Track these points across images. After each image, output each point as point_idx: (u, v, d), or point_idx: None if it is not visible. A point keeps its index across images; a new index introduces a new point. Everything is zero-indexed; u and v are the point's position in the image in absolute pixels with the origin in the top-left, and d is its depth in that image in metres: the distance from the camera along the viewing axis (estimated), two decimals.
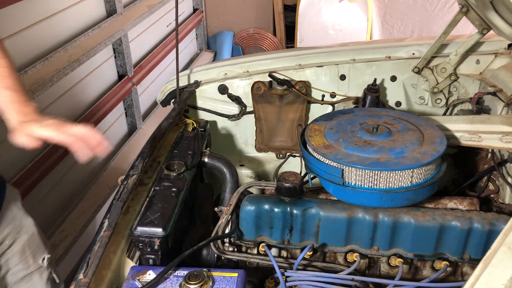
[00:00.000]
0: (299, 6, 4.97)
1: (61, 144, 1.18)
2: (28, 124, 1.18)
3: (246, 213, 1.36)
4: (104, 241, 1.24)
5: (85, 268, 1.16)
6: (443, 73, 2.03)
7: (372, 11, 4.76)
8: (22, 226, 1.46)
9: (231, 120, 2.16)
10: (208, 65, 2.27)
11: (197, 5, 5.22)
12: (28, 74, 2.26)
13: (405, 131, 1.47)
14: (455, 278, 1.37)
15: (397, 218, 1.31)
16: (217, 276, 1.17)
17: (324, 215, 1.33)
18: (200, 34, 5.34)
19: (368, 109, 1.80)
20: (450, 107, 2.07)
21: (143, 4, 3.73)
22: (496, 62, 2.02)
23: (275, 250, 1.40)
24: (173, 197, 1.38)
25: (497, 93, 1.84)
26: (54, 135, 1.16)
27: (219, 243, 1.37)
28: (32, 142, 1.16)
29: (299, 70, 2.11)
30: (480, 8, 1.81)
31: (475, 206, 1.39)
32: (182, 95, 2.04)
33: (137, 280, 1.16)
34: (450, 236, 1.30)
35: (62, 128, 1.17)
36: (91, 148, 1.17)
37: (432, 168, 1.36)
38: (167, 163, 1.54)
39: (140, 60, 3.72)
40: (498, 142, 1.54)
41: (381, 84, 2.10)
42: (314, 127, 1.53)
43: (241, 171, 2.14)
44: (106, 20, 3.13)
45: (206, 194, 1.77)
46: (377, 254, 1.36)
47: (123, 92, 3.31)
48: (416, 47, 2.10)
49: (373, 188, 1.32)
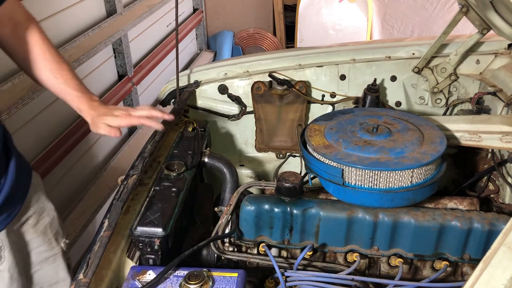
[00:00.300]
0: (299, 6, 4.97)
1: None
2: (102, 117, 1.41)
3: (246, 213, 1.36)
4: (104, 241, 1.24)
5: (85, 268, 1.16)
6: (443, 73, 2.03)
7: (372, 11, 4.76)
8: (45, 209, 1.51)
9: (231, 120, 2.16)
10: (208, 65, 2.27)
11: (197, 5, 5.22)
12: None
13: (405, 131, 1.47)
14: (455, 278, 1.37)
15: (397, 218, 1.31)
16: (217, 276, 1.17)
17: (324, 215, 1.33)
18: (200, 34, 5.34)
19: (368, 109, 1.80)
20: (450, 107, 2.07)
21: (143, 4, 3.73)
22: (496, 62, 2.02)
23: (275, 250, 1.40)
24: (173, 197, 1.38)
25: (497, 93, 1.84)
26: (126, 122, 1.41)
27: (219, 243, 1.37)
28: (112, 131, 1.39)
29: (299, 70, 2.11)
30: (480, 8, 1.81)
31: (475, 206, 1.39)
32: (182, 95, 2.04)
33: (137, 280, 1.16)
34: (450, 236, 1.30)
35: (130, 115, 1.42)
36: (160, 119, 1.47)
37: (432, 168, 1.36)
38: (167, 163, 1.54)
39: (140, 60, 3.72)
40: (498, 142, 1.54)
41: (381, 84, 2.10)
42: (314, 127, 1.53)
43: (241, 171, 2.14)
44: (106, 20, 3.13)
45: (206, 194, 1.77)
46: (377, 254, 1.36)
47: (123, 92, 3.31)
48: (416, 47, 2.10)
49: (373, 188, 1.32)
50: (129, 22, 3.33)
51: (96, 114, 1.42)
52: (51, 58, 1.42)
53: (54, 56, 1.43)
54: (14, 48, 1.41)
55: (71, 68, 1.46)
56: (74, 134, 2.67)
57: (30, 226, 1.46)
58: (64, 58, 1.47)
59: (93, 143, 3.01)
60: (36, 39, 1.41)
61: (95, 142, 3.02)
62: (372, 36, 4.79)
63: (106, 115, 1.41)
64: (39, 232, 1.49)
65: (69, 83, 1.44)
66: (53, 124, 2.54)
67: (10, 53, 1.43)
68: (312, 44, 4.92)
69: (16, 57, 1.43)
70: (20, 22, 1.39)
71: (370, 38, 4.77)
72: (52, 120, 2.53)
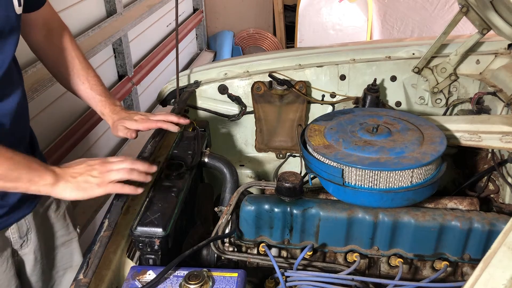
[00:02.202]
0: (299, 6, 4.97)
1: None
2: (122, 121, 1.50)
3: (246, 213, 1.36)
4: (104, 241, 1.24)
5: (85, 268, 1.16)
6: (443, 73, 2.03)
7: (372, 11, 4.76)
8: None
9: (231, 120, 2.16)
10: (208, 65, 2.27)
11: (197, 5, 5.22)
12: (28, 74, 2.26)
13: (405, 131, 1.47)
14: (455, 278, 1.37)
15: (397, 218, 1.31)
16: (217, 276, 1.17)
17: (324, 215, 1.33)
18: (200, 34, 5.34)
19: (368, 109, 1.80)
20: (450, 107, 2.07)
21: (143, 4, 3.73)
22: (496, 62, 2.02)
23: (275, 250, 1.40)
24: (173, 197, 1.38)
25: (497, 93, 1.84)
26: (144, 126, 1.51)
27: (219, 243, 1.37)
28: (129, 133, 1.49)
29: (299, 70, 2.11)
30: (480, 8, 1.81)
31: (475, 206, 1.39)
32: (182, 95, 2.04)
33: (137, 280, 1.16)
34: (450, 236, 1.30)
35: (148, 119, 1.53)
36: (176, 123, 1.56)
37: (432, 168, 1.36)
38: (167, 163, 1.54)
39: (140, 60, 3.72)
40: (498, 142, 1.54)
41: (381, 84, 2.10)
42: (314, 127, 1.53)
43: (241, 171, 2.14)
44: (106, 20, 3.13)
45: (206, 194, 1.77)
46: (377, 254, 1.36)
47: (123, 92, 3.31)
48: (416, 47, 2.10)
49: (373, 188, 1.32)
50: (129, 22, 3.33)
51: (117, 118, 1.51)
52: (80, 65, 1.53)
53: (82, 63, 1.54)
54: (46, 53, 1.51)
55: (97, 74, 1.56)
56: (74, 134, 2.67)
57: (52, 211, 1.55)
58: (90, 64, 1.57)
59: (93, 143, 3.01)
60: (68, 46, 1.51)
61: (95, 142, 3.03)
62: (372, 36, 4.79)
63: (126, 119, 1.50)
64: (60, 217, 1.58)
65: (94, 88, 1.53)
66: (53, 124, 2.55)
67: (42, 57, 1.53)
68: (312, 44, 4.92)
69: (47, 61, 1.53)
70: (54, 28, 1.50)
71: (370, 38, 4.77)
72: (52, 120, 2.53)
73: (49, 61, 1.53)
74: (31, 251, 1.46)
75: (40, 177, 1.17)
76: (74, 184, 1.20)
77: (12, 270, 1.40)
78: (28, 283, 1.50)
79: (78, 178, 1.20)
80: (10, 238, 1.40)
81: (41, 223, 1.48)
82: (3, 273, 1.37)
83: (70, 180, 1.20)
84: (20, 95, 1.32)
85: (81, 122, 2.77)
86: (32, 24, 1.43)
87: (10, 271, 1.39)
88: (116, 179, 1.24)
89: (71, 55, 1.51)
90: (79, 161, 1.26)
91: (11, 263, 1.39)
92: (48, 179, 1.18)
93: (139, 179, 1.28)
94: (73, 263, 1.63)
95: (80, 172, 1.22)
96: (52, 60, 1.52)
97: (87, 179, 1.21)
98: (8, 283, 1.38)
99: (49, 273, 1.57)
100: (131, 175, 1.26)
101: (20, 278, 1.45)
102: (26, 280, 1.49)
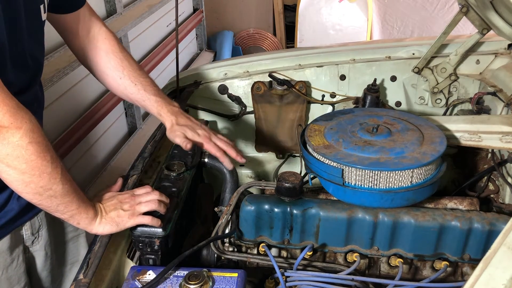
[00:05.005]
0: (299, 6, 4.97)
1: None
2: (184, 128, 1.43)
3: (246, 213, 1.36)
4: (104, 241, 1.24)
5: (85, 268, 1.16)
6: (443, 73, 2.03)
7: (372, 11, 4.77)
8: None
9: (231, 120, 2.16)
10: (208, 65, 2.26)
11: (197, 5, 5.22)
12: None
13: (405, 131, 1.47)
14: (455, 278, 1.37)
15: (397, 218, 1.31)
16: (217, 276, 1.17)
17: (324, 215, 1.33)
18: (200, 34, 5.34)
19: (368, 109, 1.80)
20: (450, 107, 2.07)
21: (143, 4, 3.73)
22: (496, 62, 2.01)
23: (275, 250, 1.40)
24: (173, 197, 1.38)
25: (497, 93, 1.84)
26: (205, 147, 1.45)
27: (219, 243, 1.37)
28: (186, 144, 1.41)
29: (299, 70, 2.11)
30: (480, 8, 1.81)
31: (475, 206, 1.39)
32: (182, 95, 2.04)
33: (137, 280, 1.16)
34: (450, 236, 1.30)
35: (210, 141, 1.45)
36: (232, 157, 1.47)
37: (432, 168, 1.36)
38: (167, 163, 1.54)
39: (140, 60, 3.72)
40: (498, 142, 1.54)
41: (381, 84, 2.10)
42: (314, 127, 1.53)
43: (241, 171, 2.13)
44: (106, 20, 3.13)
45: (206, 194, 1.77)
46: (377, 254, 1.36)
47: None
48: (416, 47, 2.09)
49: (373, 188, 1.32)
50: (129, 22, 3.33)
51: (176, 120, 1.45)
52: (130, 67, 1.46)
53: (132, 64, 1.47)
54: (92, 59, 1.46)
55: (148, 75, 1.49)
56: (74, 134, 2.67)
57: None
58: (139, 64, 1.50)
59: (93, 144, 3.01)
60: (114, 49, 1.46)
61: (94, 142, 3.02)
62: (372, 36, 4.79)
63: (189, 128, 1.44)
64: None
65: (147, 89, 1.46)
66: (53, 124, 2.55)
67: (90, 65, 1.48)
68: (312, 44, 4.93)
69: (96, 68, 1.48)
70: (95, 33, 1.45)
71: (370, 38, 4.78)
72: (52, 120, 2.53)
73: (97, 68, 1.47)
74: (42, 247, 1.47)
75: (86, 210, 1.19)
76: (107, 220, 1.22)
77: (23, 267, 1.40)
78: (38, 278, 1.51)
79: (110, 213, 1.23)
80: (23, 235, 1.41)
81: (52, 219, 1.48)
82: (14, 270, 1.37)
83: (104, 215, 1.23)
84: (39, 89, 1.35)
85: (81, 121, 2.77)
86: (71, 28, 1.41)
87: (20, 267, 1.39)
88: (146, 211, 1.25)
89: (119, 57, 1.46)
90: (109, 196, 1.28)
91: (21, 260, 1.39)
92: (90, 214, 1.20)
93: (164, 211, 1.29)
94: (79, 257, 1.63)
95: (112, 207, 1.25)
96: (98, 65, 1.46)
97: (119, 213, 1.23)
98: (18, 279, 1.39)
99: (58, 268, 1.58)
100: (159, 207, 1.27)
101: (30, 274, 1.46)
102: (36, 275, 1.50)
